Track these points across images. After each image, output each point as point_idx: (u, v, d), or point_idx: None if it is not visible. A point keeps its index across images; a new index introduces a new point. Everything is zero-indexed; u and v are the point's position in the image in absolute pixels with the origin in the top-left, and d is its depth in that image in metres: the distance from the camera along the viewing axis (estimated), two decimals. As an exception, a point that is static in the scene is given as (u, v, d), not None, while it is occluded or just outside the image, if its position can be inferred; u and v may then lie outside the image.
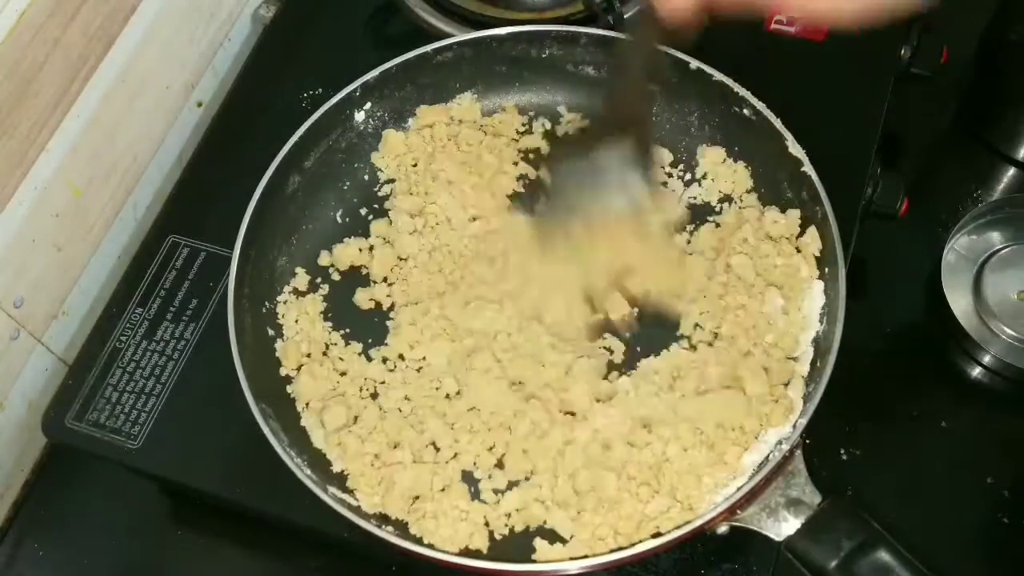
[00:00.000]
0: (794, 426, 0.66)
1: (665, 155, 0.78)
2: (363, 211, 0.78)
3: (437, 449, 0.68)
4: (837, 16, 0.58)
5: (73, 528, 0.76)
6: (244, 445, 0.67)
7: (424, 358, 0.71)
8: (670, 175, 0.78)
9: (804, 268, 0.72)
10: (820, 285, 0.71)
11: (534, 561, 0.64)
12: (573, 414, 0.69)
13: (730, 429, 0.67)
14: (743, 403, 0.67)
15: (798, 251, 0.72)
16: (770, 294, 0.71)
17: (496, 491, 0.67)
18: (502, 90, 0.81)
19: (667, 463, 0.66)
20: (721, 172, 0.77)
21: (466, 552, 0.65)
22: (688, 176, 0.78)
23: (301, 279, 0.75)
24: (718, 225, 0.75)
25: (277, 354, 0.72)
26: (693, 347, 0.71)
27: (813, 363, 0.69)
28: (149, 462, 0.71)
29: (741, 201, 0.76)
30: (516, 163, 0.79)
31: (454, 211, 0.76)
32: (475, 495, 0.67)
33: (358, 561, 0.73)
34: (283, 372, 0.71)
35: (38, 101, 0.72)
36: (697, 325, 0.72)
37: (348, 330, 0.73)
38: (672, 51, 0.76)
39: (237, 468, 0.71)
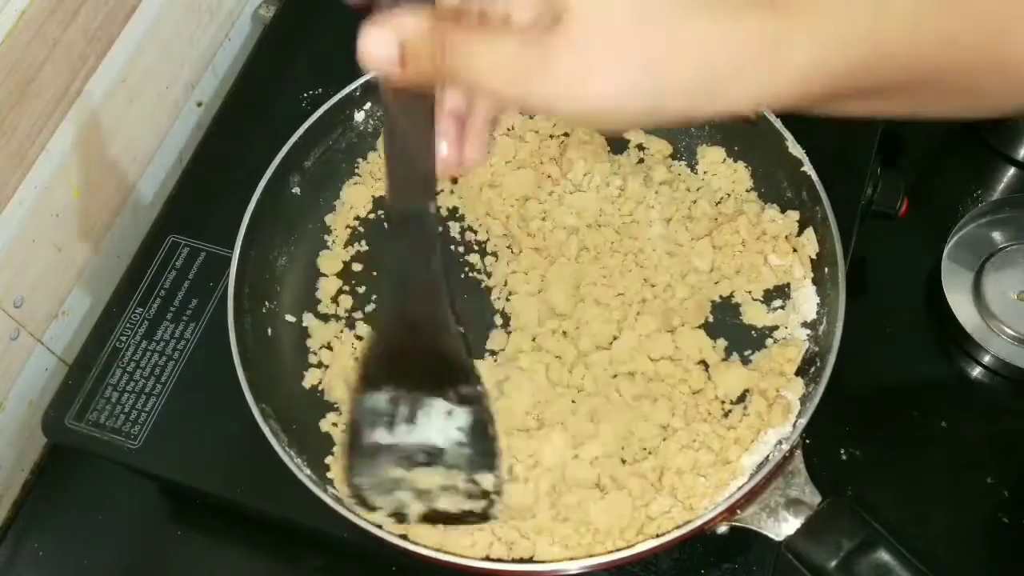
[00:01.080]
0: (794, 426, 0.66)
1: (665, 148, 0.78)
2: (363, 211, 0.78)
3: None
4: (613, 116, 0.41)
5: (73, 528, 0.76)
6: (244, 445, 0.67)
7: None
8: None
9: (798, 268, 0.72)
10: (813, 288, 0.71)
11: (534, 561, 0.64)
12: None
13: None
14: None
15: (795, 251, 0.73)
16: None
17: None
18: (502, 90, 0.81)
19: (667, 463, 0.66)
20: (721, 172, 0.77)
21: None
22: (688, 176, 0.78)
23: (301, 279, 0.75)
24: (717, 203, 0.76)
25: (304, 381, 0.71)
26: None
27: (812, 363, 0.69)
28: (149, 462, 0.71)
29: (741, 200, 0.76)
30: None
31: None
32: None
33: (358, 561, 0.73)
34: (283, 372, 0.71)
35: (38, 101, 0.72)
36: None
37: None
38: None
39: (237, 468, 0.70)
